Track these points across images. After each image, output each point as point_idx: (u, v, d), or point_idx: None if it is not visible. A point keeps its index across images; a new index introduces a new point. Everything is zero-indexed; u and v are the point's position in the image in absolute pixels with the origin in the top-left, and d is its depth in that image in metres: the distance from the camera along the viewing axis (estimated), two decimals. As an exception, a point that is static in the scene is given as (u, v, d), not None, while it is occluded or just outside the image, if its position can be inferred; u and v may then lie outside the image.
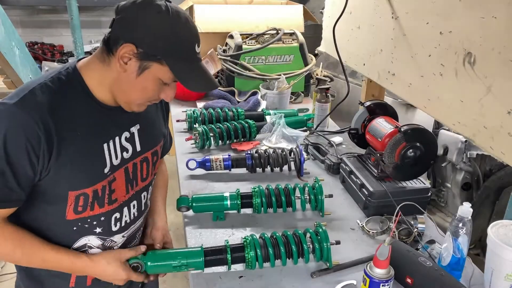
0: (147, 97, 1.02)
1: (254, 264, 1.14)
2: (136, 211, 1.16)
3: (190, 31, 0.99)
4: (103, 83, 1.01)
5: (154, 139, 1.18)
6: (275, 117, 1.96)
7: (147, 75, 0.97)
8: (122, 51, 0.95)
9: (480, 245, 2.38)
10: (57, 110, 0.95)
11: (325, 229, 1.17)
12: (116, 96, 1.02)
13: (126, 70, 0.97)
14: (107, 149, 1.04)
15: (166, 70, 0.97)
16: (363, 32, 1.85)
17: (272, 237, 1.18)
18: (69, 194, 1.00)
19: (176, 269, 1.12)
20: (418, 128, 1.40)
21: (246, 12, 2.72)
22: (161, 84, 1.01)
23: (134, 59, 0.95)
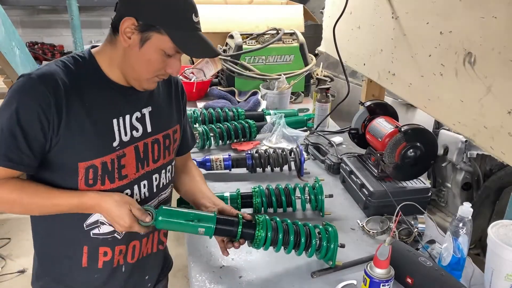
0: (153, 70, 1.05)
1: (260, 245, 1.11)
2: (147, 191, 1.16)
3: (187, 1, 1.02)
4: (113, 63, 1.05)
5: (166, 122, 1.20)
6: (275, 117, 1.96)
7: (149, 46, 1.00)
8: (124, 25, 0.98)
9: (480, 245, 2.37)
10: (70, 82, 1.00)
11: (335, 228, 1.16)
12: (125, 74, 1.06)
13: (129, 45, 1.00)
14: (117, 125, 1.07)
15: (166, 40, 0.99)
16: (363, 32, 1.85)
17: (283, 222, 1.16)
18: (79, 166, 1.03)
19: (185, 228, 1.09)
20: (418, 128, 1.40)
21: (246, 12, 2.72)
22: (165, 56, 1.03)
23: (136, 32, 0.99)
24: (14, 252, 2.83)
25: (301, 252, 1.15)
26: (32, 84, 0.97)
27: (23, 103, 0.96)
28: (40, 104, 0.96)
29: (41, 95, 0.96)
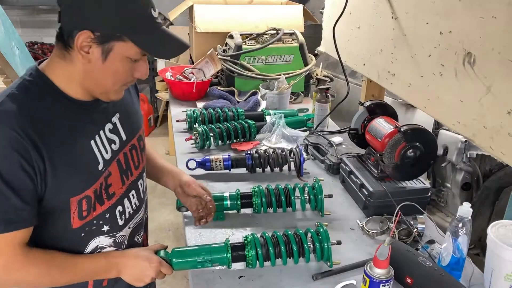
0: (121, 80, 0.98)
1: (254, 263, 1.14)
2: (136, 201, 1.16)
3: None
4: (72, 80, 0.96)
5: (136, 124, 1.16)
6: (275, 117, 1.96)
7: (113, 57, 0.92)
8: (79, 41, 0.89)
9: (480, 245, 2.37)
10: (34, 117, 0.91)
11: (326, 229, 1.18)
12: (89, 89, 0.98)
13: (90, 60, 0.92)
14: (95, 146, 1.01)
15: (130, 46, 0.92)
16: (363, 32, 1.85)
17: (273, 236, 1.18)
18: (71, 201, 0.97)
19: (201, 265, 1.13)
20: (418, 128, 1.40)
21: (246, 12, 2.72)
22: (131, 62, 0.96)
23: (94, 45, 0.90)
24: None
25: (297, 260, 1.16)
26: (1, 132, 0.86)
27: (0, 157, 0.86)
28: (18, 151, 0.86)
29: (15, 142, 0.86)
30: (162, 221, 3.19)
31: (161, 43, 0.96)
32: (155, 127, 4.79)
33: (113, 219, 1.08)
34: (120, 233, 1.12)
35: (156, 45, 0.96)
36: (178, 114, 2.20)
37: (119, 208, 1.09)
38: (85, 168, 0.99)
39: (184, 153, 1.80)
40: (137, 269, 1.06)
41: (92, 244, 1.06)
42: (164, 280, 2.33)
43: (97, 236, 1.06)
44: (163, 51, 1.00)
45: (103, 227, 1.06)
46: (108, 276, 1.06)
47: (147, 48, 0.95)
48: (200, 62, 2.54)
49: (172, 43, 0.99)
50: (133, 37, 0.91)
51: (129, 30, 0.91)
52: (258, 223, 1.38)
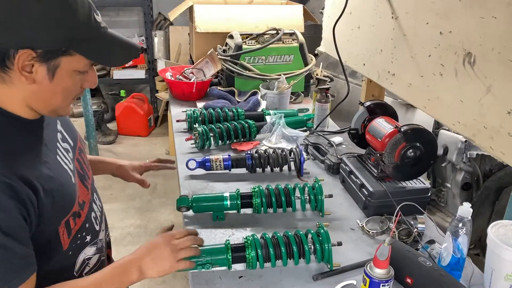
0: (71, 95, 0.91)
1: (255, 264, 1.14)
2: (99, 202, 1.16)
3: (80, 2, 0.83)
4: (17, 102, 0.87)
5: (72, 126, 1.12)
6: (275, 117, 1.96)
7: (61, 74, 0.85)
8: (19, 62, 0.80)
9: (480, 245, 2.37)
10: (7, 152, 0.83)
11: (326, 230, 1.17)
12: (38, 110, 0.90)
13: (35, 80, 0.83)
14: (61, 160, 0.97)
15: (78, 59, 0.85)
16: (363, 32, 1.85)
17: (273, 237, 1.18)
18: (61, 224, 0.93)
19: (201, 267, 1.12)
20: (418, 128, 1.40)
21: (246, 12, 2.72)
22: (79, 75, 0.89)
23: (37, 63, 0.82)
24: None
25: (297, 261, 1.16)
26: None
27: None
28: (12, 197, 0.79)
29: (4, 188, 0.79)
30: (162, 221, 3.19)
31: (111, 50, 0.90)
32: (155, 127, 4.79)
33: (92, 227, 1.05)
34: (99, 238, 1.09)
35: (107, 53, 0.89)
36: (178, 114, 2.20)
37: (92, 214, 1.06)
38: (66, 186, 0.94)
39: (184, 153, 1.80)
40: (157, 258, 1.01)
41: (80, 258, 1.02)
42: (164, 280, 2.34)
43: (83, 249, 1.03)
44: (114, 59, 0.94)
45: (86, 238, 1.03)
46: (131, 280, 0.99)
47: (98, 59, 0.89)
48: (200, 62, 2.54)
49: (122, 47, 0.92)
50: (81, 49, 0.84)
51: (75, 42, 0.83)
52: (258, 223, 1.38)
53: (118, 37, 0.91)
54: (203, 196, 1.41)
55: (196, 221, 1.38)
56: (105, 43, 0.89)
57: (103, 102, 4.77)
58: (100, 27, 0.88)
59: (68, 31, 0.82)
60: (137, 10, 4.73)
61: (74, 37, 0.83)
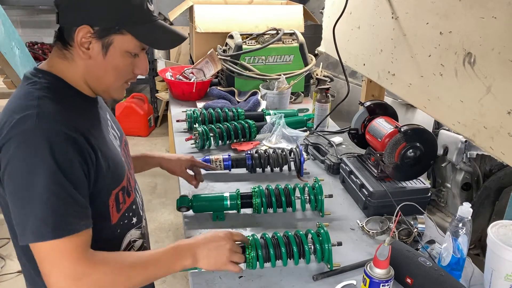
0: (122, 76, 0.99)
1: (255, 264, 1.14)
2: (140, 192, 1.19)
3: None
4: (78, 78, 0.96)
5: (118, 124, 1.18)
6: (275, 117, 1.96)
7: (113, 52, 0.93)
8: (79, 37, 0.90)
9: (480, 245, 2.37)
10: (75, 114, 0.91)
11: (326, 230, 1.17)
12: (93, 87, 0.98)
13: (91, 56, 0.93)
14: (111, 140, 1.04)
15: (129, 39, 0.93)
16: (363, 32, 1.85)
17: (273, 237, 1.18)
18: (112, 194, 0.98)
19: None
20: (418, 128, 1.40)
21: (246, 12, 2.72)
22: (131, 57, 0.96)
23: (94, 40, 0.91)
24: (14, 252, 2.83)
25: (297, 261, 1.16)
26: (53, 132, 0.84)
27: (60, 156, 0.83)
28: (74, 148, 0.86)
29: (69, 139, 0.85)
30: (162, 221, 3.19)
31: (159, 34, 0.97)
32: (155, 127, 4.79)
33: (137, 210, 1.11)
34: (142, 224, 1.14)
35: (155, 37, 0.97)
36: (178, 114, 2.20)
37: (137, 199, 1.12)
38: (118, 158, 1.01)
39: (184, 153, 1.80)
40: (213, 250, 1.01)
41: (126, 239, 1.06)
42: (164, 280, 2.34)
43: (129, 230, 1.07)
44: (162, 43, 1.00)
45: (132, 219, 1.08)
46: (183, 264, 0.98)
47: (146, 40, 0.95)
48: (200, 62, 2.54)
49: (169, 34, 1.00)
50: (132, 29, 0.92)
51: (127, 22, 0.92)
52: (258, 223, 1.38)
53: (166, 26, 1.00)
54: (203, 196, 1.41)
55: (196, 221, 1.38)
56: (154, 28, 0.97)
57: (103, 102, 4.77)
58: (152, 15, 0.97)
59: (123, 13, 0.91)
60: (137, 10, 4.73)
61: (128, 18, 0.92)
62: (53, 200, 0.82)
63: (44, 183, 0.81)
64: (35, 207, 0.82)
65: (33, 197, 0.82)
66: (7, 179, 0.84)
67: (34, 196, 0.82)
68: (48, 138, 0.83)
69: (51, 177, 0.82)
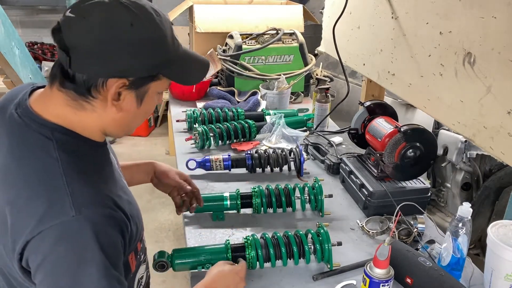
0: (148, 116, 0.93)
1: (255, 264, 1.14)
2: None
3: (162, 23, 0.80)
4: (92, 128, 0.84)
5: None
6: (275, 117, 1.96)
7: (148, 99, 0.84)
8: (112, 91, 0.78)
9: (480, 245, 2.37)
10: (99, 181, 0.81)
11: (326, 230, 1.17)
12: (113, 134, 0.88)
13: (122, 108, 0.81)
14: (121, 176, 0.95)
15: (164, 82, 0.84)
16: (363, 32, 1.85)
17: (273, 237, 1.18)
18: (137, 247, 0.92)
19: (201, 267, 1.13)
20: (418, 128, 1.40)
21: (246, 12, 2.72)
22: (159, 94, 0.88)
23: (126, 91, 0.79)
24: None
25: (297, 261, 1.16)
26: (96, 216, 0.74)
27: (106, 245, 0.74)
28: (115, 227, 0.77)
29: (110, 219, 0.77)
30: (162, 221, 3.19)
31: (189, 68, 0.89)
32: (155, 127, 4.79)
33: (143, 246, 1.02)
34: (146, 254, 1.06)
35: (187, 73, 0.88)
36: (178, 114, 2.20)
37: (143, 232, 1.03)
38: (138, 209, 0.93)
39: (184, 153, 1.80)
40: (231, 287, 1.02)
41: (137, 278, 0.98)
42: (164, 280, 2.33)
43: (138, 269, 0.98)
44: (193, 77, 0.91)
45: (141, 257, 1.00)
46: None
47: (181, 80, 0.87)
48: (200, 62, 2.53)
49: (197, 64, 0.91)
50: (168, 72, 0.83)
51: (163, 66, 0.81)
52: (258, 223, 1.38)
53: (192, 54, 0.90)
54: (203, 196, 1.41)
55: (196, 221, 1.38)
56: (185, 63, 0.87)
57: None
58: (178, 46, 0.85)
59: (159, 56, 0.80)
60: (137, 10, 4.73)
61: (164, 61, 0.81)
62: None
63: (95, 279, 0.73)
64: None
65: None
66: (45, 278, 0.73)
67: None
68: (92, 227, 0.73)
69: (102, 271, 0.73)
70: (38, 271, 0.73)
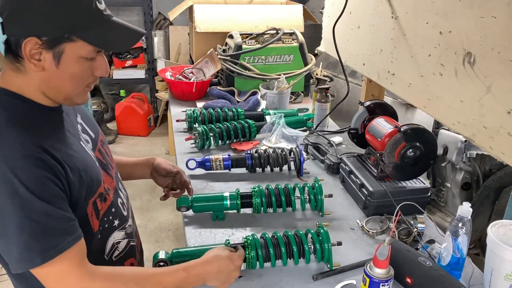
0: (80, 82, 0.94)
1: (254, 264, 1.14)
2: (125, 191, 1.19)
3: None
4: (35, 90, 0.91)
5: (93, 121, 1.17)
6: (275, 117, 1.96)
7: (66, 60, 0.88)
8: (27, 49, 0.85)
9: (480, 245, 2.38)
10: (35, 131, 0.88)
11: (326, 230, 1.17)
12: (53, 97, 0.94)
13: (44, 68, 0.88)
14: (84, 146, 1.01)
15: (81, 45, 0.88)
16: (363, 32, 1.85)
17: (273, 237, 1.18)
18: (89, 204, 0.97)
19: None
20: (418, 128, 1.40)
21: (246, 12, 2.72)
22: (87, 61, 0.91)
23: (44, 51, 0.86)
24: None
25: (297, 261, 1.16)
26: (15, 157, 0.83)
27: (27, 179, 0.82)
28: (43, 168, 0.84)
29: (36, 160, 0.84)
30: (162, 221, 3.19)
31: (113, 36, 0.92)
32: (155, 127, 4.79)
33: (119, 212, 1.10)
34: (128, 223, 1.14)
35: (109, 39, 0.91)
36: (178, 114, 2.20)
37: (119, 200, 1.11)
38: (91, 167, 0.98)
39: (184, 153, 1.80)
40: (223, 273, 1.04)
41: (109, 242, 1.06)
42: (164, 280, 2.33)
43: (111, 233, 1.07)
44: (117, 44, 0.96)
45: (113, 222, 1.07)
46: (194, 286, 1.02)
47: (100, 44, 0.90)
48: (200, 62, 2.54)
49: (125, 33, 0.95)
50: (83, 35, 0.87)
51: (77, 28, 0.86)
52: (258, 223, 1.38)
53: (121, 23, 0.94)
54: (203, 196, 1.41)
55: (196, 221, 1.38)
56: (107, 29, 0.91)
57: (103, 102, 4.77)
58: (103, 14, 0.90)
59: (70, 18, 0.86)
60: (137, 10, 4.73)
61: (77, 23, 0.86)
62: (31, 225, 0.82)
63: (19, 211, 0.81)
64: (15, 236, 0.81)
65: (11, 227, 0.81)
66: None
67: (11, 226, 0.81)
68: (11, 166, 0.81)
69: (24, 203, 0.81)
70: None
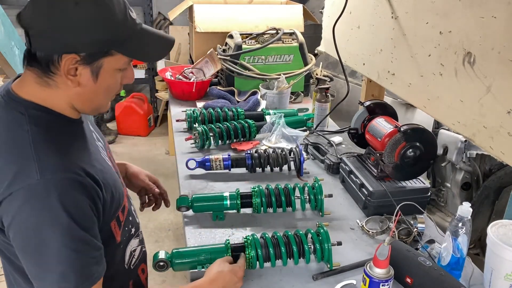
0: (112, 93, 0.95)
1: (254, 264, 1.14)
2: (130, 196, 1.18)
3: (112, 2, 0.86)
4: (63, 103, 0.90)
5: (96, 126, 1.16)
6: (275, 117, 1.95)
7: (104, 75, 0.88)
8: (65, 66, 0.84)
9: (480, 245, 2.37)
10: (68, 151, 0.87)
11: (326, 229, 1.17)
12: (81, 109, 0.94)
13: (80, 83, 0.87)
14: (104, 157, 1.00)
15: (119, 58, 0.88)
16: (362, 32, 1.85)
17: (273, 237, 1.18)
18: (113, 217, 0.97)
19: (201, 266, 1.14)
20: (418, 128, 1.40)
21: (245, 12, 2.72)
22: (120, 72, 0.92)
23: (81, 67, 0.85)
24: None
25: (297, 261, 1.16)
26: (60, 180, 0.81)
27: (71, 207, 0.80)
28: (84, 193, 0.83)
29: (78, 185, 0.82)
30: (162, 221, 3.19)
31: (148, 46, 0.93)
32: (155, 127, 4.79)
33: (134, 219, 1.10)
34: (140, 230, 1.14)
35: (145, 49, 0.93)
36: (178, 114, 2.20)
37: (131, 207, 1.11)
38: (116, 180, 0.98)
39: (184, 153, 1.80)
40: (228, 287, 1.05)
41: (128, 250, 1.06)
42: (164, 279, 2.33)
43: (129, 241, 1.07)
44: (153, 54, 0.97)
45: (131, 230, 1.07)
46: None
47: (138, 55, 0.92)
48: (200, 62, 2.54)
49: (158, 41, 0.95)
50: (121, 48, 0.88)
51: (115, 42, 0.86)
52: (258, 223, 1.38)
53: (153, 32, 0.94)
54: (203, 196, 1.41)
55: (196, 221, 1.38)
56: (143, 39, 0.91)
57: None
58: (136, 24, 0.91)
59: (107, 32, 0.85)
60: (137, 10, 4.71)
61: (114, 38, 0.86)
62: (70, 255, 0.80)
63: (59, 239, 0.79)
64: (52, 265, 0.80)
65: (49, 254, 0.80)
66: (15, 236, 0.81)
67: (49, 253, 0.80)
68: (56, 190, 0.79)
69: (66, 231, 0.80)
70: (9, 230, 0.81)
